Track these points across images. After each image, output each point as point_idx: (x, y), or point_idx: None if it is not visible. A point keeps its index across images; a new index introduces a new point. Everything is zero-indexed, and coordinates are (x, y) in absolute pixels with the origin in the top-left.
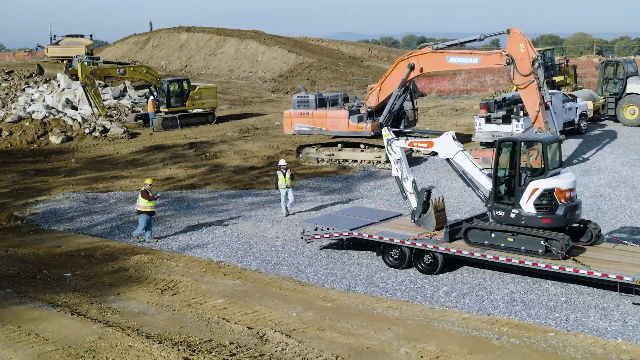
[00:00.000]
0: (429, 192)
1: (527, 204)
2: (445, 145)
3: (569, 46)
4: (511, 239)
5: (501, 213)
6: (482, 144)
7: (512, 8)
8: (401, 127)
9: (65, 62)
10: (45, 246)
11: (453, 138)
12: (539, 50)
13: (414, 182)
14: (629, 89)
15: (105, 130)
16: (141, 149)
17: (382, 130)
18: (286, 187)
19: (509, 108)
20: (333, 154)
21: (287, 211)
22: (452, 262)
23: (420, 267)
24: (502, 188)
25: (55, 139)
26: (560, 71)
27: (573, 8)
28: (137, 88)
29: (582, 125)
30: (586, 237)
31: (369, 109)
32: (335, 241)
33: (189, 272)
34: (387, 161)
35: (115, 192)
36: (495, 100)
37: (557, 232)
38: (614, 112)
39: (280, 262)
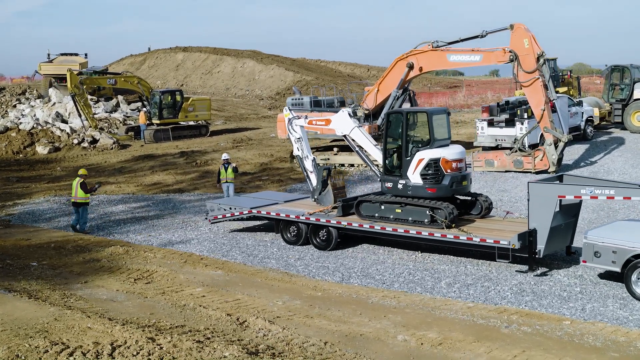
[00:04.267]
0: (328, 170)
1: (414, 175)
2: (342, 122)
3: None
4: (399, 210)
5: (390, 184)
6: (484, 148)
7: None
8: None
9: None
10: (14, 239)
11: (349, 115)
12: None
13: (314, 160)
14: (636, 95)
15: (94, 141)
16: (130, 158)
17: (283, 110)
18: (226, 181)
19: (513, 111)
20: (329, 159)
21: None
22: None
23: (315, 242)
24: (392, 160)
25: (42, 149)
26: (564, 82)
27: (572, 39)
28: (129, 102)
29: (588, 130)
30: (477, 210)
31: (367, 111)
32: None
33: (167, 263)
34: None
35: (99, 195)
36: (498, 103)
37: (443, 201)
38: (620, 119)
39: (268, 256)
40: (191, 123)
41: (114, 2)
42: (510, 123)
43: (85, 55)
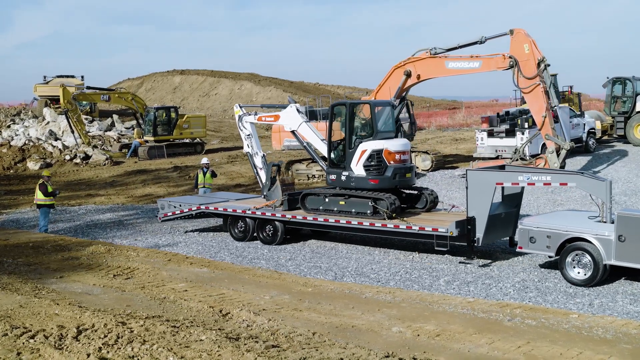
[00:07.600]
0: (278, 166)
1: (357, 166)
2: (290, 117)
3: None
4: (343, 202)
5: (334, 177)
6: (484, 159)
7: None
8: None
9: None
10: None
11: (297, 110)
12: None
13: (263, 157)
14: (638, 107)
15: (87, 157)
16: (122, 172)
17: (234, 107)
18: (204, 186)
19: (513, 122)
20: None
21: None
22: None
23: (261, 236)
24: (336, 152)
25: (33, 165)
26: (565, 98)
27: (571, 68)
28: (124, 121)
29: (590, 143)
30: (422, 203)
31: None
32: (320, 236)
33: (149, 261)
34: None
35: (87, 205)
36: (498, 114)
37: (385, 193)
38: (623, 132)
39: (258, 257)
40: (186, 140)
41: (114, 35)
42: (510, 133)
43: (82, 77)
